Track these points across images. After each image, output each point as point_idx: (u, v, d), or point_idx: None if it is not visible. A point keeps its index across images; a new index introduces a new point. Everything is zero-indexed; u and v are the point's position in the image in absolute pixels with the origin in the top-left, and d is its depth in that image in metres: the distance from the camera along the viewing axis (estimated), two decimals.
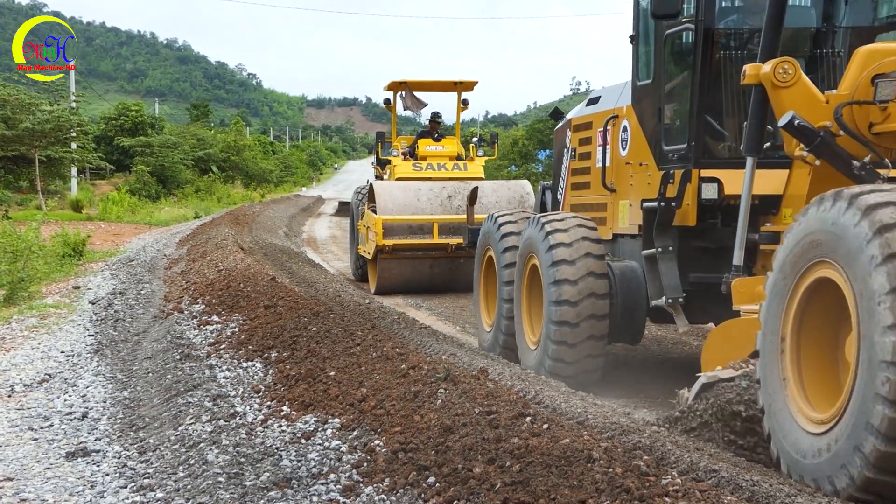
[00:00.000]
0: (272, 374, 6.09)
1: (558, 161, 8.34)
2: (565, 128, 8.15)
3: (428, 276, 12.21)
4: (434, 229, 11.79)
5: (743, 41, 6.21)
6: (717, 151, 6.12)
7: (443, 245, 11.79)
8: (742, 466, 4.10)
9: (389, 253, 11.75)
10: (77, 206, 28.64)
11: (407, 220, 11.92)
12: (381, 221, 11.67)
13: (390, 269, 12.01)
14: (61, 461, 4.90)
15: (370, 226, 12.08)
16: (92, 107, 52.76)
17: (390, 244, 11.68)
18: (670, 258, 6.00)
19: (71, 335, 8.64)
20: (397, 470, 3.95)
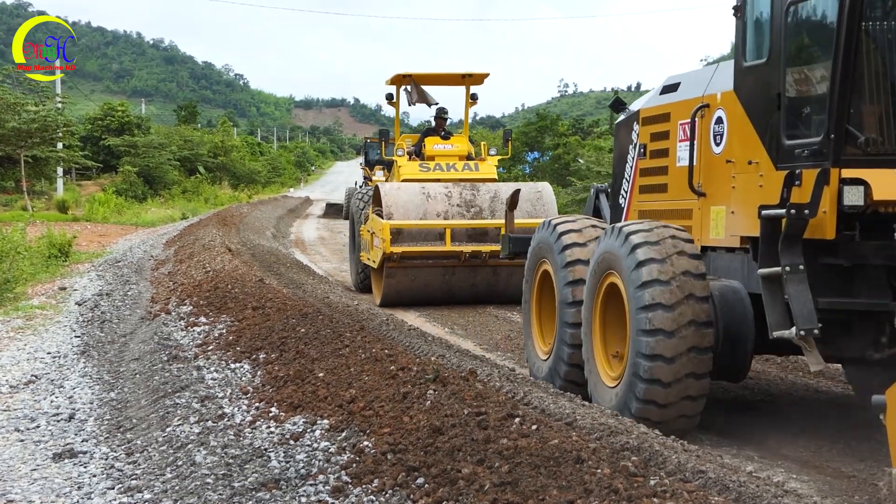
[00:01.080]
0: (260, 376, 6.08)
1: (620, 160, 7.08)
2: (631, 121, 6.92)
3: (439, 287, 11.10)
4: (447, 235, 10.73)
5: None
6: (862, 146, 4.82)
7: (456, 253, 10.73)
8: (729, 467, 4.13)
9: (397, 261, 10.66)
10: (63, 207, 28.50)
11: (417, 226, 10.85)
12: (389, 227, 10.57)
13: (398, 279, 10.91)
14: (48, 462, 4.88)
15: (375, 231, 11.02)
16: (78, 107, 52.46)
17: (398, 252, 10.57)
18: (800, 279, 4.76)
19: (57, 336, 8.60)
20: (386, 471, 3.95)
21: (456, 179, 11.95)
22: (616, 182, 7.12)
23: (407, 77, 13.13)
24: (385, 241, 10.52)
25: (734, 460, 4.75)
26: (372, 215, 11.45)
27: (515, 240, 7.78)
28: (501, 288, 11.13)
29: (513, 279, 10.47)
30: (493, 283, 11.11)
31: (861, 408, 6.19)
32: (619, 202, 6.99)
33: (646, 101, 6.94)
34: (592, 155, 28.69)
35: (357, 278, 12.74)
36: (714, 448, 5.14)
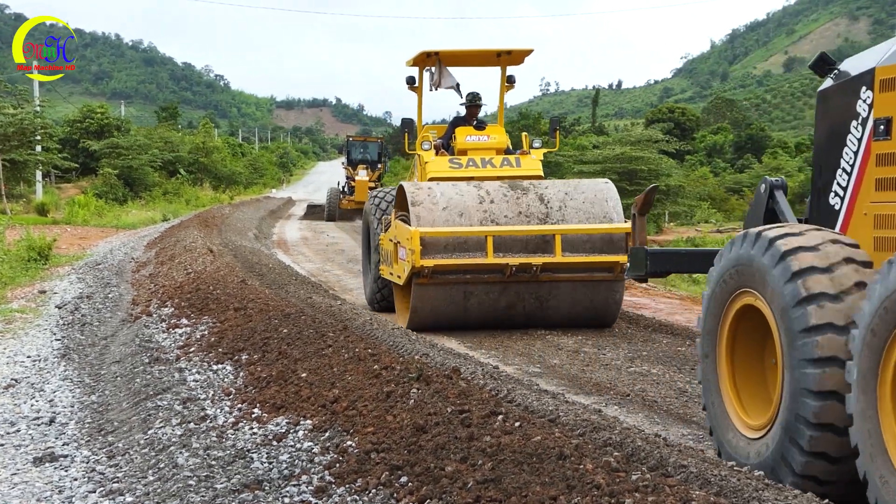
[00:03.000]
0: (243, 377, 6.06)
1: (832, 143, 5.00)
2: (854, 87, 4.79)
3: (479, 308, 9.06)
4: (488, 245, 8.68)
5: None
6: None
7: (499, 266, 8.67)
8: (711, 462, 4.15)
9: (428, 277, 8.70)
10: (42, 210, 28.25)
11: (453, 234, 8.80)
12: (419, 235, 8.61)
13: (430, 298, 8.90)
14: (29, 466, 4.84)
15: (401, 241, 9.09)
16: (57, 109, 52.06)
17: (430, 265, 8.61)
18: None
19: (37, 340, 8.53)
20: (370, 470, 3.95)
21: (493, 177, 9.93)
22: (823, 174, 5.07)
23: (432, 56, 10.85)
24: (414, 253, 8.57)
25: (716, 455, 4.78)
26: (395, 221, 9.44)
27: (658, 256, 5.75)
28: (555, 309, 9.13)
29: (569, 298, 9.06)
30: (545, 302, 9.08)
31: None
32: (828, 202, 5.00)
33: (885, 53, 4.64)
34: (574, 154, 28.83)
35: (373, 296, 10.74)
36: (696, 443, 5.17)
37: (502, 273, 8.75)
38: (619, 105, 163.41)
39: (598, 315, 9.22)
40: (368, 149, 32.45)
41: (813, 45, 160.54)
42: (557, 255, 8.70)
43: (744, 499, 3.45)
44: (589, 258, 8.81)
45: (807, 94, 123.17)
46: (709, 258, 5.02)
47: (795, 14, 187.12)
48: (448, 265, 8.73)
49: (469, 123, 10.98)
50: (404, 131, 10.91)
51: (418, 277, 8.78)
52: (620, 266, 8.62)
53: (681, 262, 5.99)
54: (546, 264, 8.69)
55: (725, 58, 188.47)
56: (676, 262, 5.99)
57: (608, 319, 9.29)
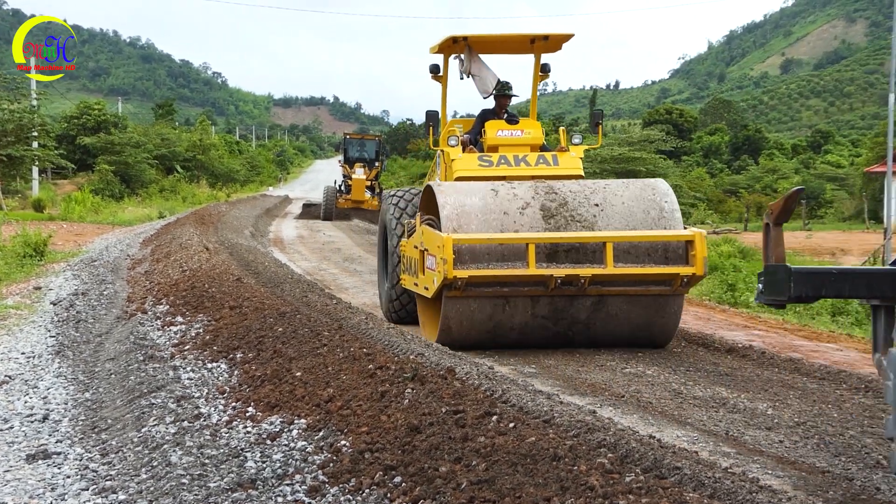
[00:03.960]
0: (237, 375, 6.05)
1: None
2: None
3: (519, 324, 7.97)
4: (529, 254, 7.60)
5: None
6: None
7: (542, 278, 7.62)
8: (705, 464, 4.15)
9: (462, 289, 7.66)
10: (39, 206, 28.22)
11: (490, 241, 7.75)
12: (452, 242, 7.55)
13: (462, 314, 7.87)
14: (21, 463, 4.83)
15: (429, 248, 8.03)
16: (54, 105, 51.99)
17: (464, 276, 7.56)
18: None
19: (32, 336, 8.51)
20: (363, 470, 3.94)
21: (528, 177, 8.87)
22: None
23: (460, 41, 9.81)
24: (447, 263, 7.53)
25: (710, 456, 4.78)
26: (422, 227, 8.33)
27: (807, 276, 4.41)
28: (603, 327, 8.05)
29: (621, 315, 7.95)
30: (593, 319, 7.98)
31: (835, 404, 6.25)
32: None
33: None
34: None
35: (390, 306, 9.76)
36: (690, 444, 5.17)
37: (545, 286, 7.65)
38: (617, 105, 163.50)
39: (653, 335, 8.14)
40: (366, 147, 32.18)
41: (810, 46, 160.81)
42: (609, 266, 7.56)
43: (738, 501, 3.45)
44: (645, 270, 7.72)
45: (804, 95, 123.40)
46: (879, 280, 4.23)
47: (792, 16, 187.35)
48: (485, 277, 7.66)
49: (499, 116, 9.88)
50: (429, 125, 9.77)
51: (450, 290, 7.70)
52: (681, 279, 7.69)
53: (839, 285, 4.49)
54: (596, 276, 7.58)
55: (723, 59, 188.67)
56: (833, 284, 4.49)
57: (663, 339, 8.18)
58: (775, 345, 8.32)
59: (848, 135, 79.44)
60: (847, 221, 40.46)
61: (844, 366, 7.41)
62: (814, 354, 8.05)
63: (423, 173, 55.66)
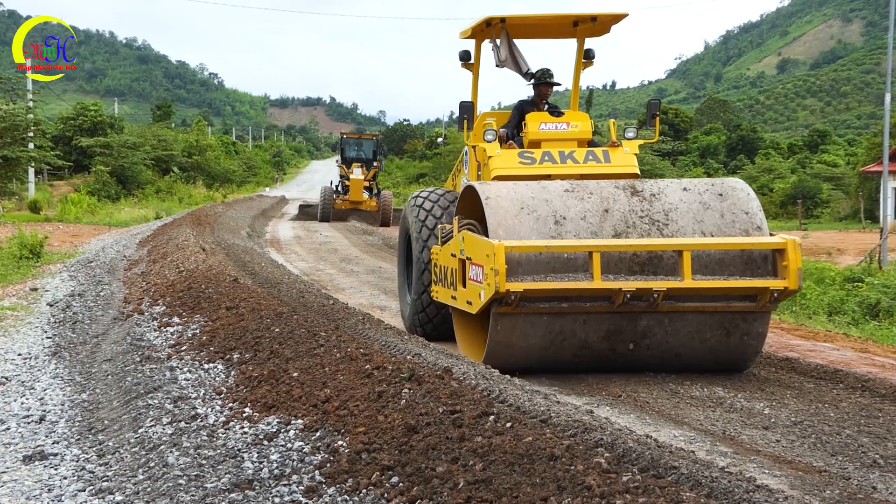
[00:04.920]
0: (234, 376, 6.05)
1: None
2: None
3: (577, 346, 6.92)
4: (593, 264, 6.57)
5: None
6: None
7: (609, 292, 6.60)
8: (702, 463, 4.16)
9: (515, 305, 6.64)
10: (35, 207, 28.19)
11: (549, 249, 6.70)
12: (504, 251, 6.52)
13: (514, 332, 6.85)
14: (18, 465, 4.82)
15: (474, 257, 6.98)
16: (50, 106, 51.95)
17: (518, 290, 6.52)
18: None
19: (28, 337, 8.50)
20: (361, 470, 3.94)
21: (576, 176, 7.87)
22: None
23: (496, 24, 8.67)
24: (499, 274, 6.49)
25: (707, 456, 4.79)
26: (464, 232, 7.31)
27: None
28: (675, 348, 6.98)
29: (697, 334, 6.93)
30: (664, 340, 6.94)
31: (832, 403, 6.26)
32: None
33: None
34: None
35: (415, 319, 8.78)
36: (687, 444, 5.18)
37: (610, 301, 6.66)
38: (613, 105, 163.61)
39: (733, 357, 7.07)
40: (363, 146, 32.00)
41: (806, 46, 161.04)
42: (686, 279, 6.59)
43: (734, 500, 3.45)
44: (729, 283, 6.69)
45: (800, 95, 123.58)
46: None
47: (789, 16, 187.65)
48: (542, 290, 6.61)
49: (539, 108, 8.81)
50: (462, 118, 8.56)
51: (501, 305, 6.68)
52: (770, 293, 6.68)
53: None
54: (671, 290, 6.60)
55: (719, 59, 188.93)
56: None
57: (742, 364, 7.16)
58: (772, 344, 8.32)
59: (844, 134, 79.62)
60: (843, 221, 40.53)
61: (841, 365, 7.42)
62: (810, 354, 8.06)
63: (422, 174, 55.59)
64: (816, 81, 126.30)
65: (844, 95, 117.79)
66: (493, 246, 6.55)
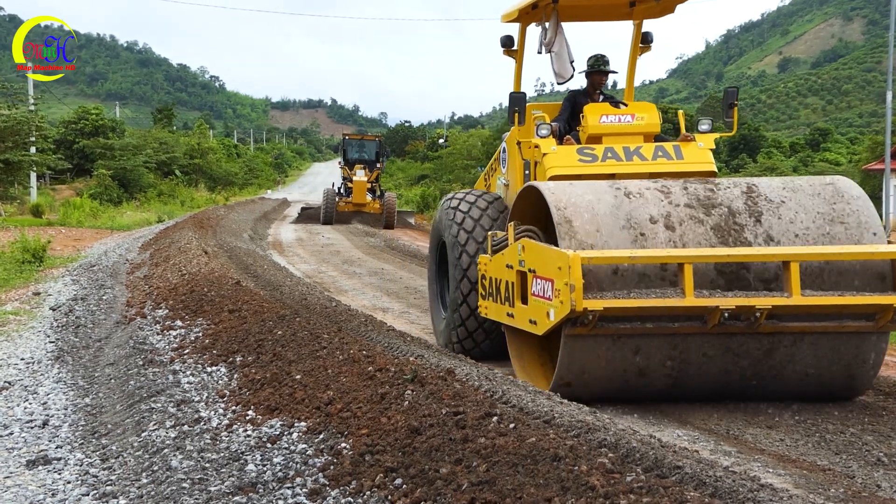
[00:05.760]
0: (237, 379, 6.04)
1: None
2: None
3: (662, 374, 6.01)
4: (685, 278, 5.63)
5: None
6: None
7: (703, 310, 5.68)
8: (706, 463, 4.15)
9: (592, 325, 5.71)
10: (37, 212, 28.21)
11: (637, 260, 5.72)
12: (581, 262, 5.59)
13: (592, 358, 5.93)
14: (22, 469, 4.82)
15: (538, 269, 6.04)
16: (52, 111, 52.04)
17: (598, 308, 5.60)
18: None
19: (31, 342, 8.50)
20: (364, 472, 3.94)
21: (645, 174, 6.95)
22: None
23: (546, 4, 7.73)
24: (575, 290, 5.55)
25: (711, 455, 4.78)
26: (524, 241, 6.36)
27: None
28: (780, 375, 6.06)
29: (806, 359, 6.01)
30: (766, 366, 5.99)
31: (836, 402, 6.25)
32: None
33: None
34: None
35: (452, 334, 7.90)
36: (691, 443, 5.17)
37: (702, 321, 5.73)
38: None
39: (843, 385, 6.16)
40: (366, 148, 31.82)
41: (807, 45, 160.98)
42: (795, 295, 5.66)
43: (738, 500, 3.44)
44: (846, 300, 5.72)
45: (801, 94, 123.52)
46: None
47: (790, 14, 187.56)
48: (625, 309, 5.65)
49: (592, 98, 7.95)
50: (513, 111, 7.58)
51: (574, 326, 5.72)
52: (893, 311, 5.72)
53: None
54: (776, 308, 5.67)
55: (720, 58, 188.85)
56: None
57: (855, 391, 6.25)
58: None
59: (846, 133, 79.57)
60: None
61: None
62: None
63: (423, 175, 55.53)
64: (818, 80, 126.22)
65: (846, 94, 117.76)
66: (566, 257, 5.58)
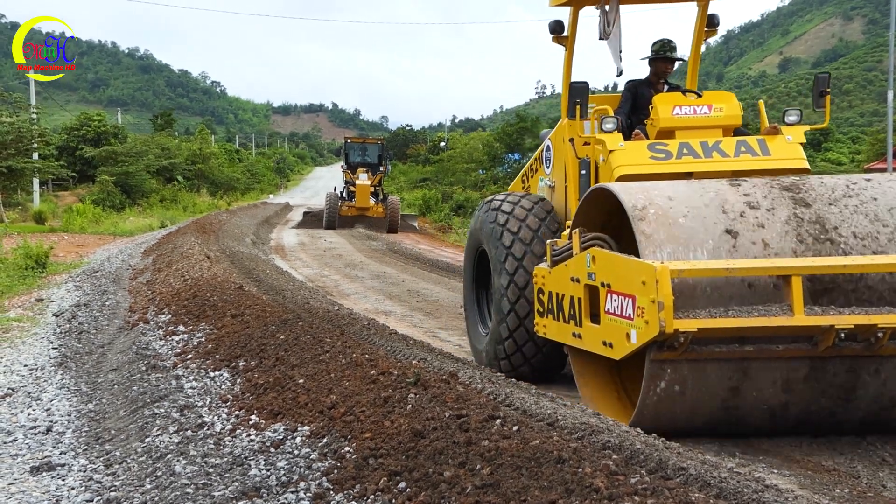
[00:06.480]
0: (240, 384, 6.04)
1: None
2: None
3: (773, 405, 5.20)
4: (793, 292, 4.89)
5: None
6: None
7: (814, 329, 4.94)
8: (710, 464, 4.14)
9: (682, 349, 4.91)
10: (40, 218, 28.25)
11: (735, 272, 4.96)
12: (670, 274, 4.81)
13: (683, 387, 5.09)
14: (26, 476, 4.82)
15: (612, 283, 5.25)
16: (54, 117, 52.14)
17: (691, 329, 4.82)
18: None
19: (34, 348, 8.51)
20: (368, 476, 3.93)
21: (727, 173, 6.10)
22: None
23: None
24: (664, 308, 4.75)
25: (715, 457, 4.77)
26: (594, 250, 5.54)
27: None
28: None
29: None
30: (886, 393, 5.18)
31: None
32: None
33: None
34: None
35: (498, 351, 7.08)
36: (695, 445, 5.15)
37: (811, 343, 4.97)
38: None
39: None
40: (368, 151, 31.69)
41: (808, 45, 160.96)
42: None
43: (743, 501, 3.44)
44: None
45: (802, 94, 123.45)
46: None
47: (790, 15, 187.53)
48: (723, 329, 4.86)
49: (656, 88, 7.10)
50: (574, 102, 6.67)
51: (662, 349, 4.92)
52: None
53: None
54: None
55: (720, 59, 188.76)
56: None
57: None
58: None
59: (848, 132, 79.46)
60: None
61: None
62: None
63: (424, 178, 55.45)
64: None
65: (847, 93, 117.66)
66: (653, 269, 4.79)
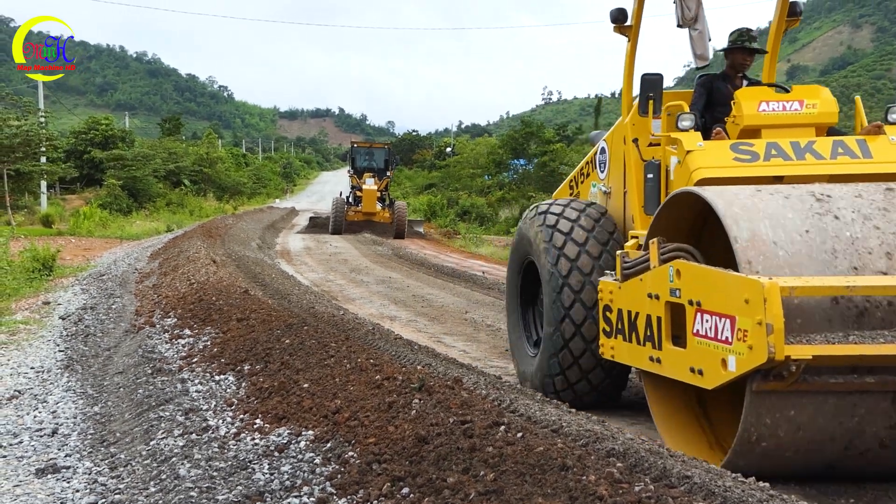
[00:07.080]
0: (245, 387, 6.05)
1: None
2: None
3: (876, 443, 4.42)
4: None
5: None
6: None
7: None
8: (715, 472, 4.13)
9: (793, 379, 4.15)
10: (47, 221, 28.36)
11: (857, 291, 4.21)
12: (779, 291, 4.03)
13: (790, 424, 4.33)
14: (31, 478, 4.83)
15: (702, 301, 4.52)
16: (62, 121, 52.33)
17: (805, 357, 4.05)
18: None
19: (41, 351, 8.54)
20: (371, 481, 3.93)
21: (824, 177, 5.36)
22: None
23: None
24: (774, 331, 4.02)
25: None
26: (679, 263, 4.80)
27: None
28: None
29: None
30: None
31: None
32: None
33: None
34: None
35: (549, 373, 6.38)
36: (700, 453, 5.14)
37: None
38: None
39: None
40: (374, 156, 31.64)
41: (816, 53, 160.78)
42: None
43: None
44: None
45: None
46: None
47: None
48: (841, 357, 4.19)
49: (734, 83, 6.51)
50: (647, 96, 6.33)
51: (767, 379, 4.22)
52: None
53: None
54: None
55: None
56: None
57: None
58: None
59: None
60: None
61: None
62: None
63: (431, 184, 55.37)
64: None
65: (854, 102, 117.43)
66: (760, 286, 4.08)
